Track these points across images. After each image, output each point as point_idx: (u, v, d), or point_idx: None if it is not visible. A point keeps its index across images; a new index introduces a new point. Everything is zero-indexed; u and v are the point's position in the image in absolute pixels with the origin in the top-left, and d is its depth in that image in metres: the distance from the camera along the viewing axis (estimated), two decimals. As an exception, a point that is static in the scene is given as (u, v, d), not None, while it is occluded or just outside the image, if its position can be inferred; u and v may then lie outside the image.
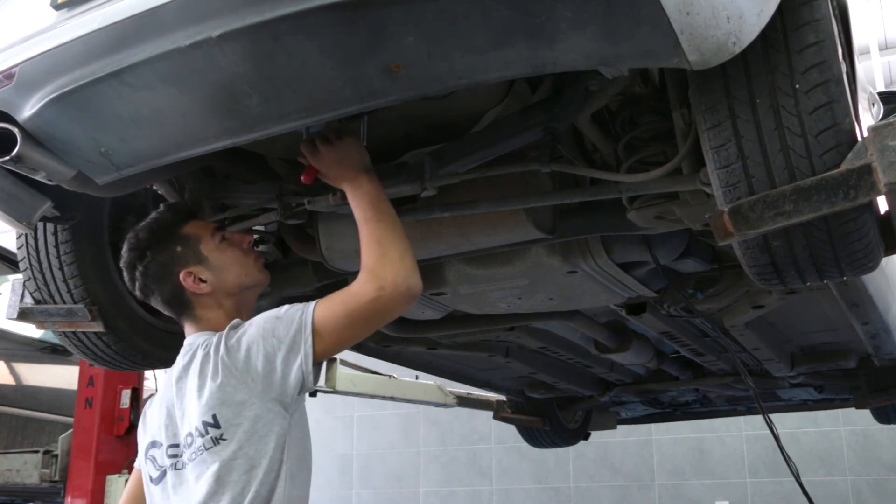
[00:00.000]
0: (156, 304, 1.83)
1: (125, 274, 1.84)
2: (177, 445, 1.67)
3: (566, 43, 1.33)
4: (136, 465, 1.87)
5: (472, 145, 1.84)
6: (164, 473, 1.69)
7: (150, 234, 1.81)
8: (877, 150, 1.42)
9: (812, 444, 7.47)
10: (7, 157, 1.62)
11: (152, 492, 1.72)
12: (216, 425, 1.60)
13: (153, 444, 1.73)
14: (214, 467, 1.59)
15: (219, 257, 1.80)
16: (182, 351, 1.75)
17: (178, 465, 1.66)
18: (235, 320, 1.72)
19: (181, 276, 1.76)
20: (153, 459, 1.72)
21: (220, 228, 1.88)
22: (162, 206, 1.93)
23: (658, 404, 5.25)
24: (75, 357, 2.73)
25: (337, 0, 1.29)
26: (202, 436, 1.62)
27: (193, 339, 1.75)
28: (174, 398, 1.70)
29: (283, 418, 1.61)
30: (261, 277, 1.87)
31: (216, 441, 1.60)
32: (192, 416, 1.63)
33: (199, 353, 1.67)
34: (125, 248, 1.82)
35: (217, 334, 1.69)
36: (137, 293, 1.84)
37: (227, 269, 1.80)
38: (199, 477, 1.62)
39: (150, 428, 1.76)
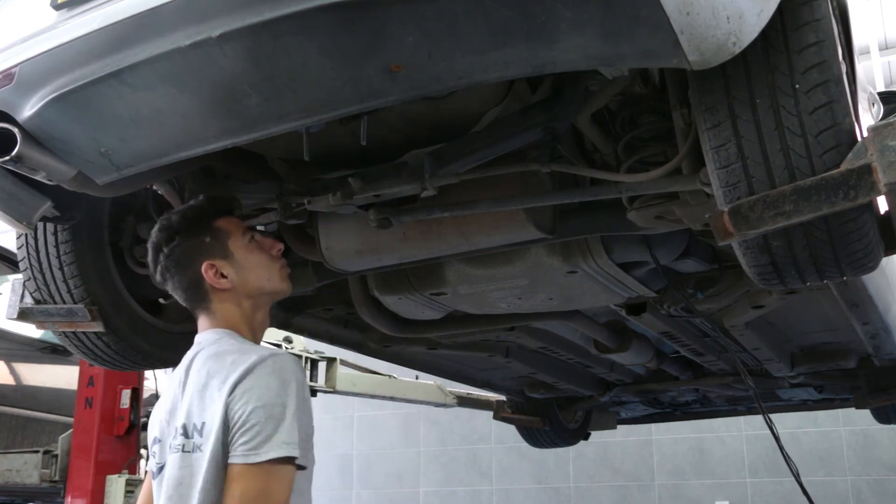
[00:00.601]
0: (173, 290, 1.79)
1: (150, 254, 1.80)
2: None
3: (566, 43, 1.33)
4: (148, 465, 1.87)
5: (472, 145, 1.84)
6: (161, 469, 1.68)
7: (183, 219, 1.78)
8: (877, 150, 1.43)
9: (812, 444, 7.46)
10: (7, 157, 1.62)
11: (154, 486, 1.70)
12: (185, 434, 1.59)
13: (155, 441, 1.72)
14: (174, 473, 1.59)
15: (245, 257, 1.78)
16: (192, 347, 1.73)
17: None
18: (266, 352, 1.62)
19: (203, 266, 1.73)
20: (154, 455, 1.71)
21: (251, 229, 1.86)
22: (201, 196, 1.91)
23: (658, 404, 5.25)
24: (75, 357, 2.73)
25: (337, 0, 1.30)
26: (174, 437, 1.62)
27: (205, 336, 1.73)
28: (174, 394, 1.68)
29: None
30: (283, 286, 1.84)
31: (179, 448, 1.59)
32: (181, 413, 1.63)
33: (206, 352, 1.65)
34: (155, 228, 1.80)
35: (242, 346, 1.64)
36: (157, 277, 1.81)
37: (251, 270, 1.77)
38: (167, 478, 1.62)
39: (154, 424, 1.74)
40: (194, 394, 1.61)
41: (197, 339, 1.75)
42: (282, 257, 1.86)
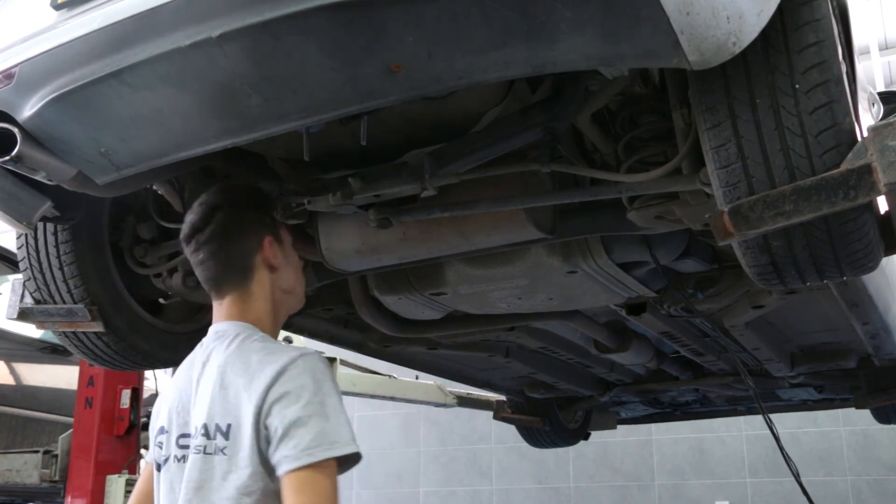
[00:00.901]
0: (210, 256, 1.66)
1: (199, 210, 1.69)
2: (187, 435, 1.58)
3: (566, 43, 1.33)
4: (147, 458, 1.82)
5: (472, 145, 1.84)
6: (166, 460, 1.61)
7: (251, 194, 1.78)
8: (877, 150, 1.43)
9: (812, 444, 7.46)
10: (7, 157, 1.62)
11: (158, 479, 1.64)
12: (207, 434, 1.52)
13: (161, 431, 1.65)
14: (194, 475, 1.52)
15: (289, 252, 1.78)
16: (210, 337, 1.65)
17: (180, 457, 1.58)
18: (295, 352, 1.55)
19: (267, 240, 1.70)
20: (160, 446, 1.64)
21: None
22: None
23: (658, 404, 5.25)
24: (75, 357, 2.73)
25: (337, 0, 1.30)
26: (194, 437, 1.55)
27: (224, 328, 1.64)
28: (186, 386, 1.62)
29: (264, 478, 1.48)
30: (302, 297, 1.83)
31: (201, 450, 1.52)
32: (200, 412, 1.55)
33: (227, 347, 1.58)
34: (216, 190, 1.73)
35: (266, 345, 1.58)
36: (202, 236, 1.67)
37: (291, 267, 1.77)
38: (183, 479, 1.54)
39: (160, 414, 1.68)
40: (216, 392, 1.54)
41: (214, 328, 1.66)
42: (305, 272, 1.88)
